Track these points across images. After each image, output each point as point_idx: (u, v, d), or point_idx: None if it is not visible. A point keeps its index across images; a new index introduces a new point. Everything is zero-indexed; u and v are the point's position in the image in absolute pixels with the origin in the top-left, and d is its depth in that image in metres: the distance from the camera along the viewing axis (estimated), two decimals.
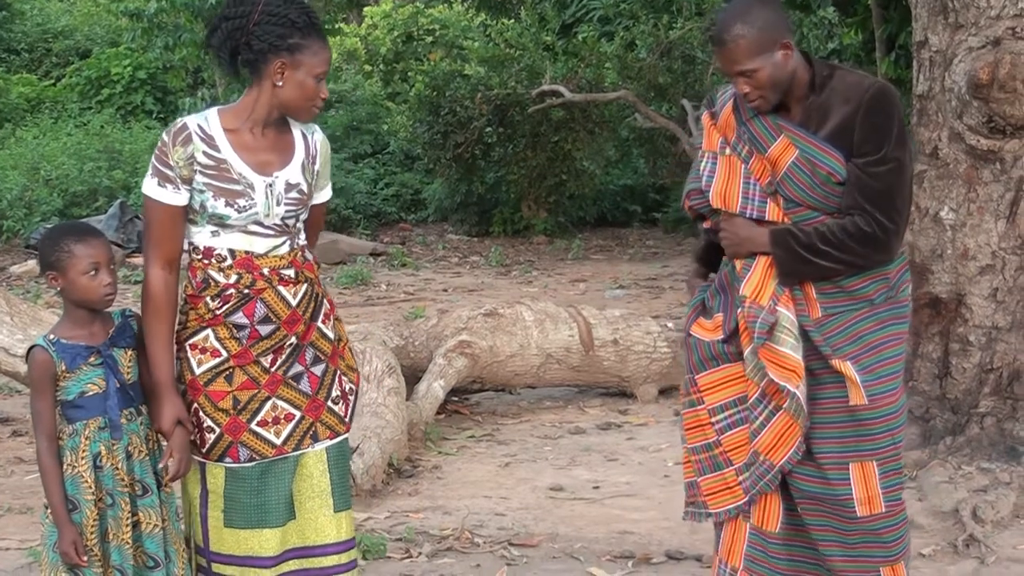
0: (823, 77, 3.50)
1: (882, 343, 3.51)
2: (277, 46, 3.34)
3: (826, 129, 3.46)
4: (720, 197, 3.60)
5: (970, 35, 5.91)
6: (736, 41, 3.42)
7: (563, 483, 6.06)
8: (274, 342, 3.44)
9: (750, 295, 3.54)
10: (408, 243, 15.70)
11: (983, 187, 5.95)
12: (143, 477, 3.42)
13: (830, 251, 3.43)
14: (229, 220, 3.37)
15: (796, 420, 3.49)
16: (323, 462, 3.56)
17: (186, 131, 3.38)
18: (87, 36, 23.83)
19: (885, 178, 3.41)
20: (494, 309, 7.65)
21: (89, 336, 3.38)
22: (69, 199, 15.68)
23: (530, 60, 15.75)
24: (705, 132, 3.70)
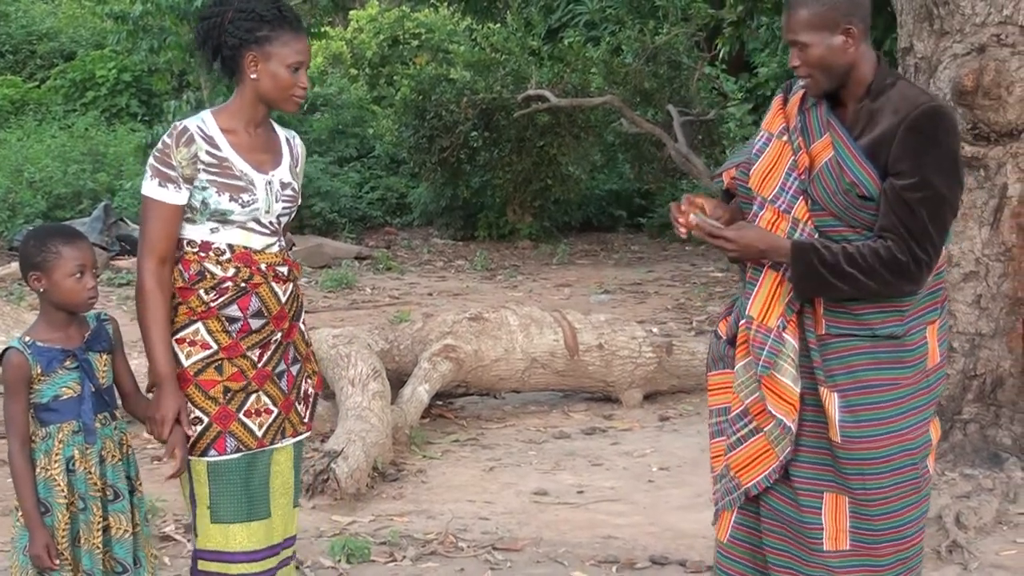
0: (884, 84, 3.29)
1: (875, 385, 3.30)
2: (247, 40, 3.45)
3: (867, 138, 3.26)
4: (760, 178, 3.42)
5: (955, 42, 5.93)
6: (798, 8, 3.26)
7: (547, 488, 6.06)
8: (262, 336, 3.50)
9: (757, 316, 3.38)
10: (393, 247, 15.68)
11: (967, 194, 5.96)
12: (115, 482, 3.41)
13: (855, 275, 3.22)
14: (232, 215, 3.44)
15: (774, 448, 3.39)
16: (291, 459, 3.68)
17: (188, 132, 3.45)
18: (72, 38, 23.76)
19: (922, 205, 3.18)
20: (479, 313, 7.65)
21: (65, 339, 3.38)
22: (53, 201, 15.62)
23: (516, 65, 15.73)
24: (771, 112, 3.50)
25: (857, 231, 3.28)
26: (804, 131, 3.37)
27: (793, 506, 3.41)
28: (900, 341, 3.32)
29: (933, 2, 5.98)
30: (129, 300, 11.26)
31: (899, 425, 3.31)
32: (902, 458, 3.32)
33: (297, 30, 3.48)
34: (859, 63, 3.29)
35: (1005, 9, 5.83)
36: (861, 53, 3.29)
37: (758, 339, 3.36)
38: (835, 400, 3.30)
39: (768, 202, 3.39)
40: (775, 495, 3.45)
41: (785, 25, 3.33)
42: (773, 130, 3.45)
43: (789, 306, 3.35)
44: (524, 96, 14.72)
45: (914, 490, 3.36)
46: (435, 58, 20.46)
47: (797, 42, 3.28)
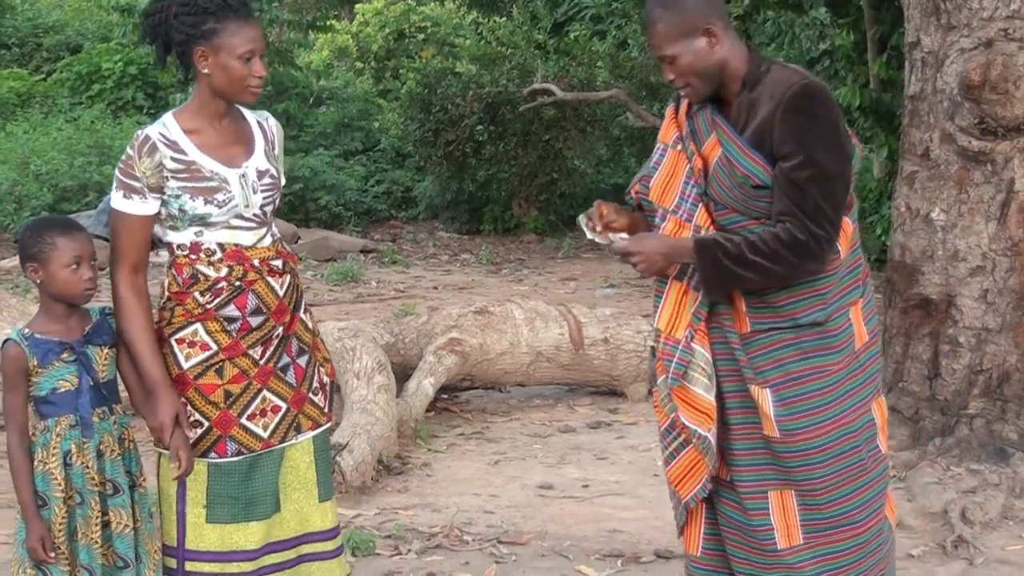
0: (758, 72, 3.26)
1: (805, 375, 3.27)
2: (193, 35, 3.36)
3: (750, 129, 3.24)
4: (660, 190, 3.42)
5: (962, 36, 5.92)
6: (655, 25, 3.25)
7: (552, 481, 6.06)
8: (263, 333, 3.45)
9: (664, 328, 3.38)
10: (398, 240, 15.68)
11: (974, 188, 5.96)
12: (114, 476, 3.39)
13: (760, 262, 3.19)
14: (212, 218, 3.39)
15: (704, 458, 3.37)
16: (309, 454, 3.60)
17: (149, 142, 3.39)
18: (78, 31, 23.75)
19: (811, 183, 3.16)
20: (484, 307, 7.65)
21: (64, 331, 3.36)
22: (59, 194, 15.62)
23: (522, 58, 15.73)
24: (665, 123, 3.49)
25: (762, 222, 3.26)
26: (694, 134, 3.37)
27: (740, 510, 3.39)
28: (824, 327, 3.29)
29: None
30: None
31: (835, 411, 3.29)
32: (843, 443, 3.30)
33: (244, 17, 3.37)
34: (728, 59, 3.27)
35: (1013, 3, 5.82)
36: (728, 49, 3.27)
37: (667, 352, 3.36)
38: (768, 396, 3.28)
39: (670, 212, 3.38)
40: (725, 502, 3.44)
41: (648, 43, 3.33)
42: (668, 140, 3.45)
43: (696, 315, 3.33)
44: (530, 90, 14.72)
45: (861, 472, 3.34)
46: (441, 52, 20.44)
47: (664, 56, 3.27)
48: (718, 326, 3.35)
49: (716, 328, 3.35)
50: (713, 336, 3.36)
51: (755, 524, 3.36)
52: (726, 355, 3.34)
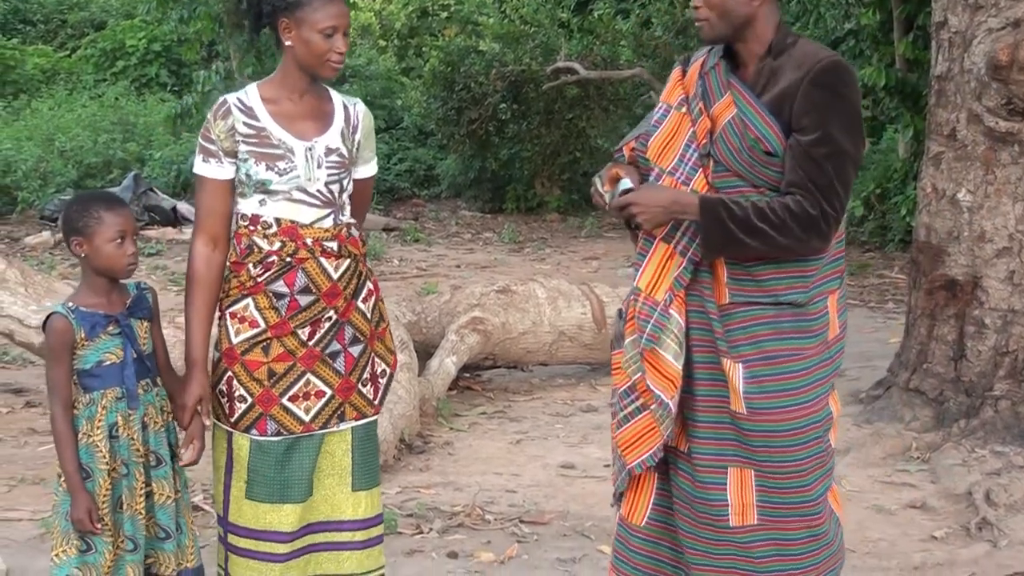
0: (785, 43, 3.23)
1: (779, 355, 3.23)
2: (278, 6, 3.41)
3: (769, 94, 3.19)
4: (658, 149, 3.36)
5: (990, 16, 5.88)
6: None
7: (574, 461, 6.06)
8: (312, 314, 3.46)
9: (645, 288, 3.33)
10: (421, 219, 15.68)
11: (1001, 169, 5.93)
12: (157, 448, 3.44)
13: (766, 229, 3.14)
14: (272, 185, 3.42)
15: (659, 425, 3.32)
16: (346, 442, 3.59)
17: (225, 105, 3.45)
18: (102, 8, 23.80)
19: (827, 160, 3.13)
20: (507, 286, 7.64)
21: (107, 305, 3.40)
22: (83, 171, 15.68)
23: (545, 37, 15.69)
24: (669, 84, 3.44)
25: (760, 191, 3.22)
26: (704, 95, 3.32)
27: (693, 483, 3.35)
28: (803, 309, 3.25)
29: None
30: (159, 270, 11.32)
31: (806, 397, 3.26)
32: (810, 431, 3.27)
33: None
34: (759, 18, 3.23)
35: None
36: (764, 10, 3.23)
37: (644, 312, 3.31)
38: (739, 371, 3.23)
39: (666, 173, 3.33)
40: (681, 474, 3.39)
41: None
42: (672, 102, 3.40)
43: (677, 280, 3.29)
44: (553, 68, 14.69)
45: (821, 463, 3.31)
46: (464, 30, 20.39)
47: None
48: (697, 294, 3.30)
49: (695, 296, 3.30)
50: (691, 304, 3.31)
51: (711, 499, 3.31)
52: (702, 324, 3.30)
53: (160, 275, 11.07)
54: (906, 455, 5.91)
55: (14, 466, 5.84)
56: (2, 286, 6.73)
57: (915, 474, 5.73)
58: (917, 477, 5.70)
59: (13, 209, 14.85)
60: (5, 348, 7.93)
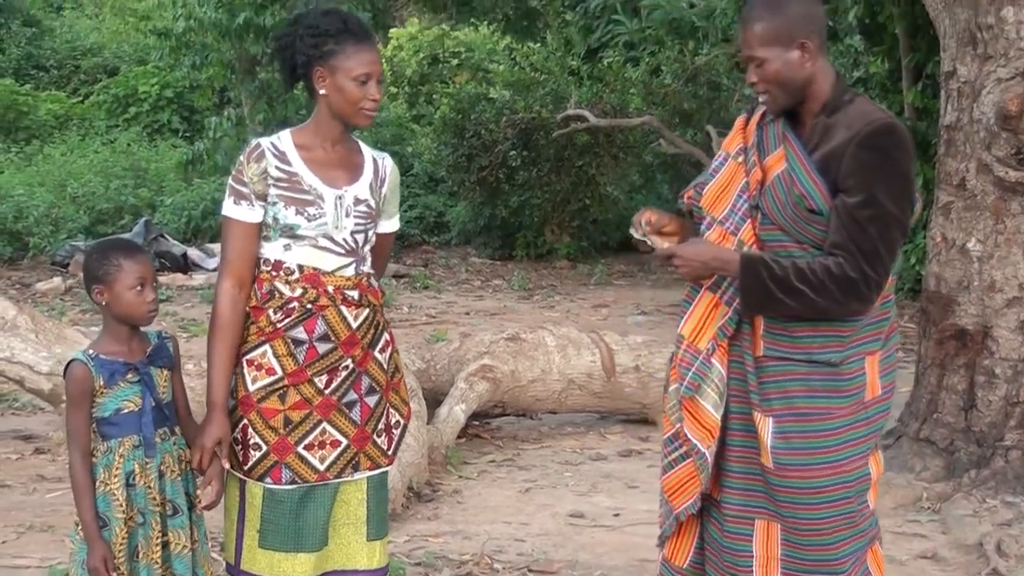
0: (841, 100, 3.25)
1: (809, 413, 3.24)
2: (313, 56, 3.45)
3: (820, 152, 3.21)
4: (712, 198, 3.39)
5: (999, 66, 5.90)
6: (753, 24, 3.24)
7: (583, 510, 6.04)
8: (330, 362, 3.47)
9: (688, 335, 3.35)
10: (431, 265, 15.70)
11: (1011, 219, 5.93)
12: (174, 497, 3.44)
13: (805, 290, 3.15)
14: (300, 230, 3.43)
15: (699, 474, 3.35)
16: (362, 491, 3.60)
17: (259, 148, 3.48)
18: (115, 54, 24.00)
19: (871, 224, 3.13)
20: (516, 334, 7.64)
21: (128, 353, 3.42)
22: (95, 217, 15.75)
23: (555, 84, 15.76)
24: (732, 132, 3.47)
25: (804, 247, 3.23)
26: (760, 145, 3.35)
27: (723, 533, 3.37)
28: (836, 369, 3.26)
29: (977, 26, 5.95)
30: (168, 316, 11.33)
31: (834, 456, 3.25)
32: (837, 490, 3.26)
33: (362, 40, 3.44)
34: (816, 78, 3.25)
35: None
36: (818, 68, 3.25)
37: (686, 360, 3.34)
38: (769, 425, 3.25)
39: (716, 222, 3.36)
40: (712, 522, 3.42)
41: (742, 41, 3.31)
42: (731, 150, 3.43)
43: (721, 330, 3.31)
44: (563, 116, 14.74)
45: (849, 524, 3.30)
46: (475, 77, 20.50)
47: (754, 57, 3.25)
48: (739, 345, 3.33)
49: (736, 347, 3.33)
50: (732, 355, 3.34)
51: (736, 548, 3.33)
52: (740, 376, 3.32)
53: (170, 321, 11.08)
54: (917, 505, 5.89)
55: (23, 513, 5.83)
56: (13, 332, 6.74)
57: (926, 524, 5.71)
58: (928, 527, 5.67)
59: (24, 255, 14.90)
60: (15, 394, 7.93)
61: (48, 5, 27.15)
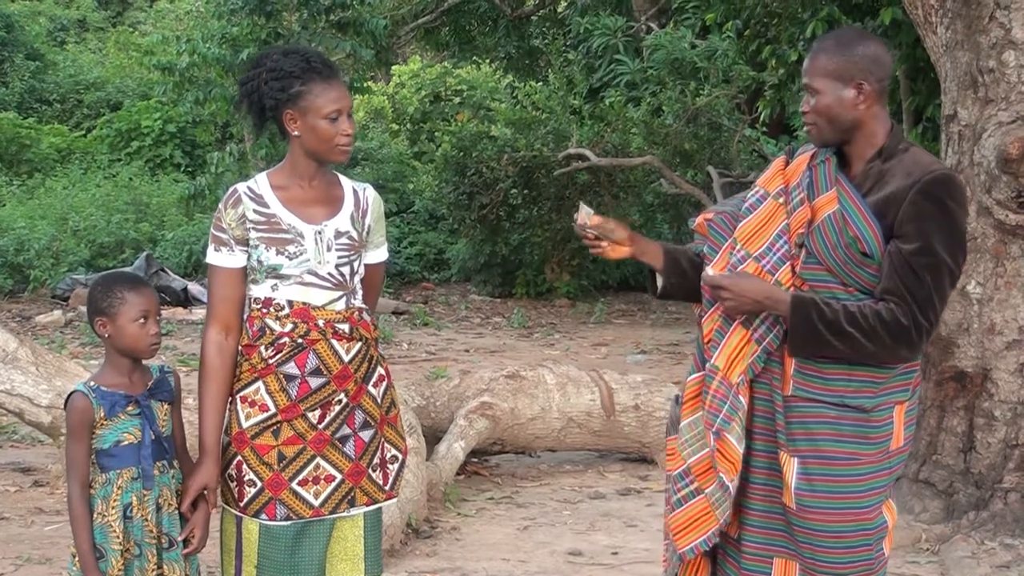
0: (897, 148, 3.28)
1: (835, 457, 3.24)
2: (280, 99, 3.45)
3: (875, 196, 3.23)
4: (749, 233, 3.38)
5: (1000, 110, 5.93)
6: (818, 54, 3.30)
7: (582, 548, 6.03)
8: (323, 397, 3.46)
9: (723, 368, 3.33)
10: (431, 303, 15.71)
11: (1011, 262, 5.95)
12: (170, 531, 3.44)
13: (855, 334, 3.15)
14: (283, 269, 3.44)
15: (714, 510, 3.34)
16: (359, 527, 3.60)
17: (235, 194, 3.48)
18: (118, 88, 24.09)
19: (927, 272, 3.15)
20: (516, 371, 7.64)
21: (129, 385, 3.43)
22: (96, 250, 15.77)
23: (556, 123, 15.81)
24: (770, 170, 3.49)
25: (849, 290, 3.24)
26: (810, 185, 3.35)
27: (740, 571, 3.36)
28: (867, 415, 3.26)
29: (978, 69, 5.99)
30: (168, 350, 11.33)
31: (857, 503, 3.26)
32: (857, 537, 3.27)
33: (328, 79, 3.44)
34: (868, 122, 3.29)
35: None
36: (873, 113, 3.29)
37: (721, 391, 3.31)
38: (794, 466, 3.25)
39: (752, 258, 3.35)
40: (728, 560, 3.41)
41: (804, 69, 3.36)
42: (770, 189, 3.44)
43: (750, 367, 3.31)
44: (564, 155, 14.78)
45: (866, 571, 3.30)
46: (476, 115, 20.57)
47: (810, 87, 3.30)
48: (767, 383, 3.33)
49: (764, 384, 3.33)
50: (759, 392, 3.34)
51: None
52: (767, 413, 3.32)
53: (170, 355, 11.08)
54: (916, 547, 5.88)
55: (21, 545, 5.82)
56: (13, 365, 6.74)
57: (925, 566, 5.70)
58: (927, 569, 5.66)
59: (25, 287, 14.91)
60: (15, 426, 7.93)
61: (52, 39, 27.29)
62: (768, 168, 3.53)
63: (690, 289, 3.55)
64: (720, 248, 3.46)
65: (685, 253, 3.61)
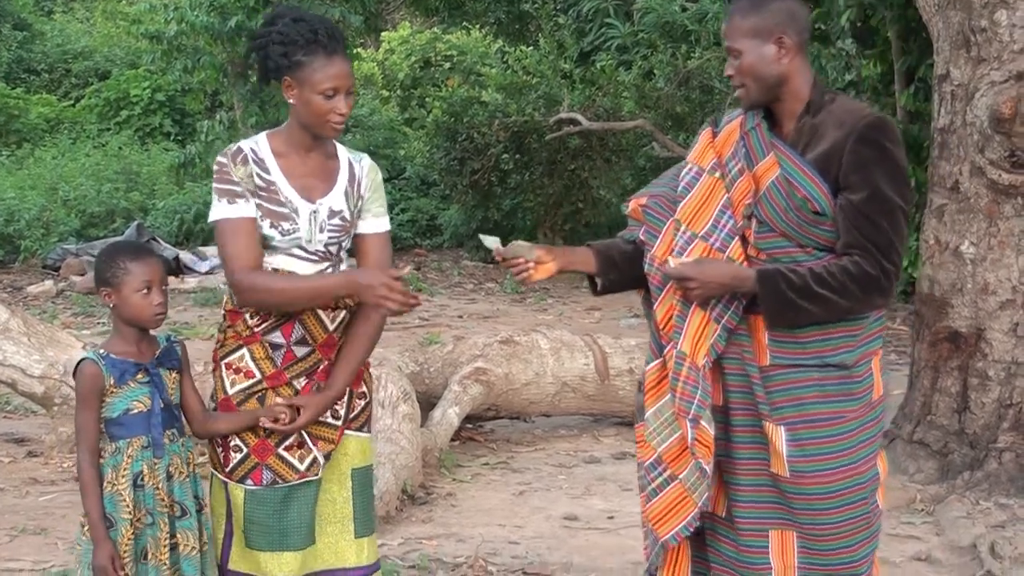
0: (823, 100, 3.26)
1: (823, 419, 3.23)
2: (282, 65, 3.40)
3: (814, 152, 3.21)
4: (690, 212, 3.35)
5: (992, 69, 5.91)
6: (734, 16, 3.28)
7: (577, 512, 6.03)
8: (308, 365, 3.46)
9: (690, 352, 3.29)
10: (423, 269, 15.69)
11: (1004, 222, 5.94)
12: (182, 499, 3.43)
13: (826, 294, 3.14)
14: (273, 242, 3.41)
15: (691, 494, 3.32)
16: (347, 489, 3.60)
17: (242, 153, 3.42)
18: (107, 57, 23.97)
19: (882, 217, 3.14)
20: (510, 336, 7.63)
21: (137, 354, 3.43)
22: (86, 220, 15.74)
23: (548, 88, 15.78)
24: (699, 145, 3.46)
25: (808, 251, 3.23)
26: (747, 155, 3.32)
27: (736, 548, 3.34)
28: (849, 372, 3.26)
29: (970, 29, 5.96)
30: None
31: (850, 459, 3.25)
32: (853, 492, 3.26)
33: (331, 53, 3.37)
34: (792, 76, 3.27)
35: None
36: (796, 67, 3.27)
37: (692, 377, 3.29)
38: (782, 434, 3.23)
39: (700, 237, 3.32)
40: (722, 540, 3.39)
41: (723, 33, 3.33)
42: (704, 164, 3.41)
43: (713, 348, 3.29)
44: (556, 119, 14.75)
45: (865, 525, 3.30)
46: (467, 80, 20.52)
47: (732, 49, 3.27)
48: (737, 358, 3.31)
49: (735, 359, 3.31)
50: (731, 367, 3.32)
51: (753, 562, 3.31)
52: (742, 387, 3.31)
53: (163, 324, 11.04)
54: (911, 507, 5.89)
55: (16, 516, 5.81)
56: (5, 336, 6.73)
57: (920, 526, 5.71)
58: (922, 530, 5.68)
59: (16, 258, 14.89)
60: (7, 397, 7.92)
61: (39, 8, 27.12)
62: (696, 142, 3.50)
63: (629, 280, 3.55)
64: (659, 232, 3.44)
65: (615, 246, 3.60)
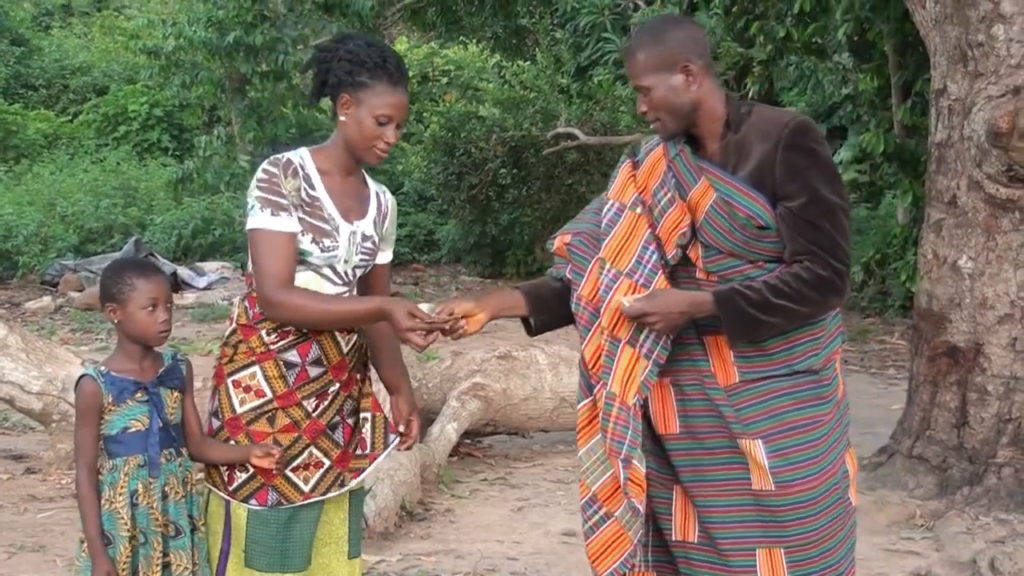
0: (740, 114, 3.25)
1: (800, 425, 3.23)
2: (344, 81, 3.39)
3: (746, 169, 3.20)
4: (613, 251, 3.35)
5: (990, 83, 5.91)
6: (635, 54, 3.26)
7: (576, 528, 6.00)
8: (320, 385, 3.45)
9: (619, 392, 3.27)
10: (421, 284, 15.69)
11: (1002, 236, 5.94)
12: (177, 519, 3.41)
13: (786, 304, 3.14)
14: (310, 257, 3.38)
15: (627, 531, 3.30)
16: (344, 510, 3.60)
17: (292, 165, 3.39)
18: (104, 73, 24.00)
19: (824, 219, 3.14)
20: (508, 352, 7.63)
21: (139, 372, 3.41)
22: (84, 236, 15.73)
23: (545, 102, 15.79)
24: (619, 180, 3.45)
25: (758, 265, 3.22)
26: (677, 184, 3.31)
27: (723, 570, 3.31)
28: (819, 376, 3.27)
29: (967, 43, 5.97)
30: None
31: (825, 463, 3.26)
32: (831, 495, 3.28)
33: (396, 83, 3.39)
34: (705, 99, 3.26)
35: None
36: (706, 89, 3.26)
37: (622, 418, 3.26)
38: (760, 447, 3.22)
39: (624, 275, 3.32)
40: (699, 565, 3.36)
41: (628, 72, 3.32)
42: (625, 200, 3.40)
43: (644, 384, 3.27)
44: (553, 134, 14.77)
45: (842, 525, 3.32)
46: (464, 95, 20.55)
47: (640, 87, 3.27)
48: (697, 383, 3.29)
49: (694, 385, 3.30)
50: (691, 393, 3.30)
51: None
52: (708, 411, 3.28)
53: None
54: (910, 523, 5.88)
55: (14, 533, 5.80)
56: (3, 352, 6.72)
57: (919, 542, 5.70)
58: (921, 545, 5.67)
59: (14, 274, 14.88)
60: (5, 414, 7.91)
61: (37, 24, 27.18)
62: (616, 178, 3.48)
63: (561, 318, 3.55)
64: (584, 270, 3.45)
65: (545, 285, 3.61)
